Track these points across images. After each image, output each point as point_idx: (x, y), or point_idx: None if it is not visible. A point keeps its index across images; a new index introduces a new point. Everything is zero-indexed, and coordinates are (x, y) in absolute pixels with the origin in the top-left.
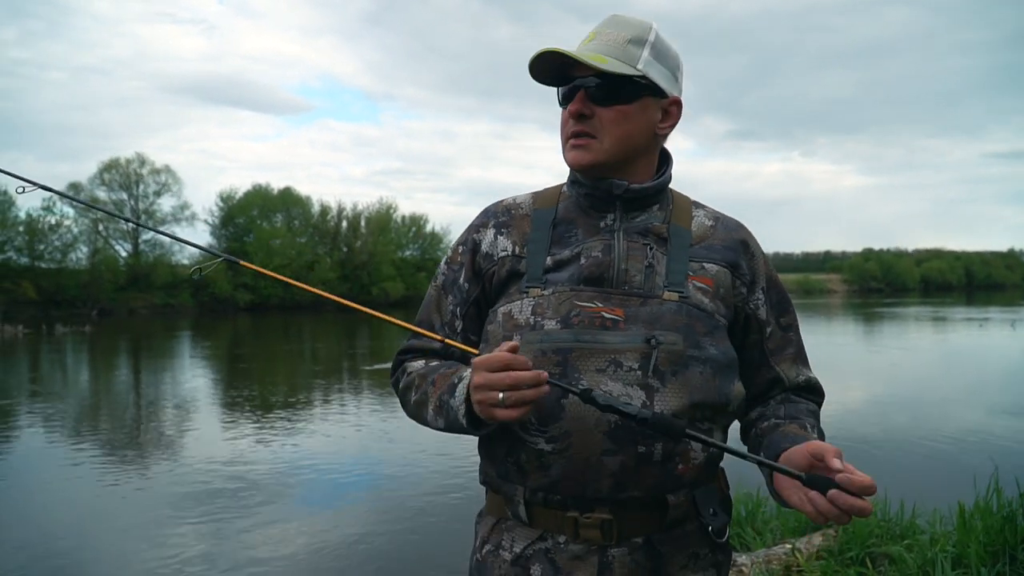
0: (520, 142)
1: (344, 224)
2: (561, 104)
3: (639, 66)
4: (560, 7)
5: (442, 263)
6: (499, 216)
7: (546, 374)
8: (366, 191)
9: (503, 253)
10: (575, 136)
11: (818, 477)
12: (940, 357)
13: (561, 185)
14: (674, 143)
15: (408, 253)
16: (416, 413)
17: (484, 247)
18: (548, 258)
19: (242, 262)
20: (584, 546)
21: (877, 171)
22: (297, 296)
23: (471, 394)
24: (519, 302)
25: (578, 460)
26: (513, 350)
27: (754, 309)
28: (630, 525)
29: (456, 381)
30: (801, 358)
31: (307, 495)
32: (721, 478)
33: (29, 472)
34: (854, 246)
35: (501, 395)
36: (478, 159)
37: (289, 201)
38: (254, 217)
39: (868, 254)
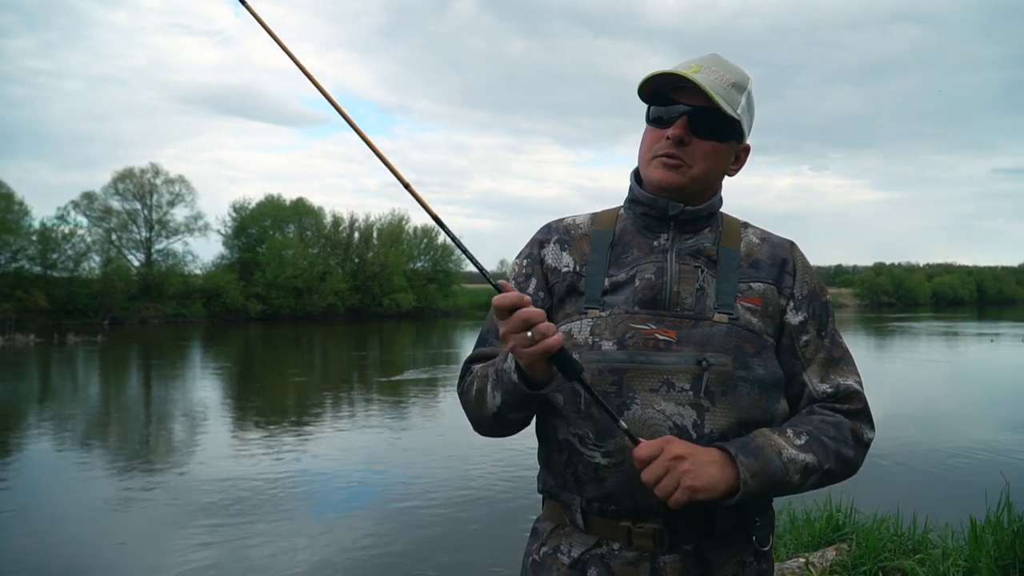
0: (533, 155)
1: (356, 235)
2: (652, 122)
3: (738, 110)
4: (573, 21)
5: (509, 279)
6: (560, 233)
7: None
8: (379, 203)
9: (565, 268)
10: (667, 156)
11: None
12: (952, 372)
13: (618, 208)
14: None
15: (419, 265)
16: (478, 404)
17: (549, 260)
18: (606, 279)
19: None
20: (637, 553)
21: (889, 186)
22: (307, 306)
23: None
24: (579, 322)
25: (632, 474)
26: (519, 299)
27: (792, 319)
28: (680, 534)
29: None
30: (832, 365)
31: (316, 506)
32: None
33: (36, 481)
34: (866, 260)
35: (529, 333)
36: (491, 172)
37: (302, 212)
38: (267, 227)
39: (880, 268)
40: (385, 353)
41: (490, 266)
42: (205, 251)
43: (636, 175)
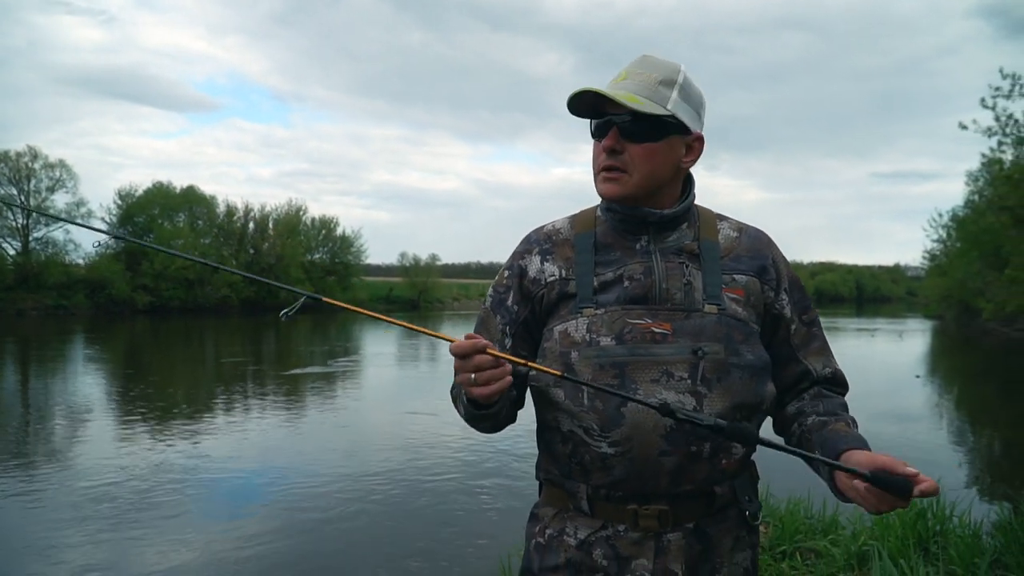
0: (431, 148)
1: (251, 225)
2: (593, 136)
3: (668, 106)
4: (471, 15)
5: (490, 288)
6: (542, 243)
7: (508, 366)
8: (273, 192)
9: (551, 278)
10: (606, 170)
11: (885, 478)
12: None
13: (595, 208)
14: (581, 154)
15: (317, 256)
16: (457, 410)
17: (531, 272)
18: (595, 279)
19: (325, 299)
20: (642, 533)
21: (776, 187)
22: (199, 298)
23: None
24: (574, 321)
25: (639, 461)
26: (487, 344)
27: (780, 309)
28: (683, 513)
29: None
30: (826, 351)
31: (206, 505)
32: (753, 468)
33: None
34: None
35: (472, 376)
36: (389, 163)
37: (192, 200)
38: (155, 216)
39: None
40: (282, 347)
41: (389, 258)
42: (88, 240)
43: None
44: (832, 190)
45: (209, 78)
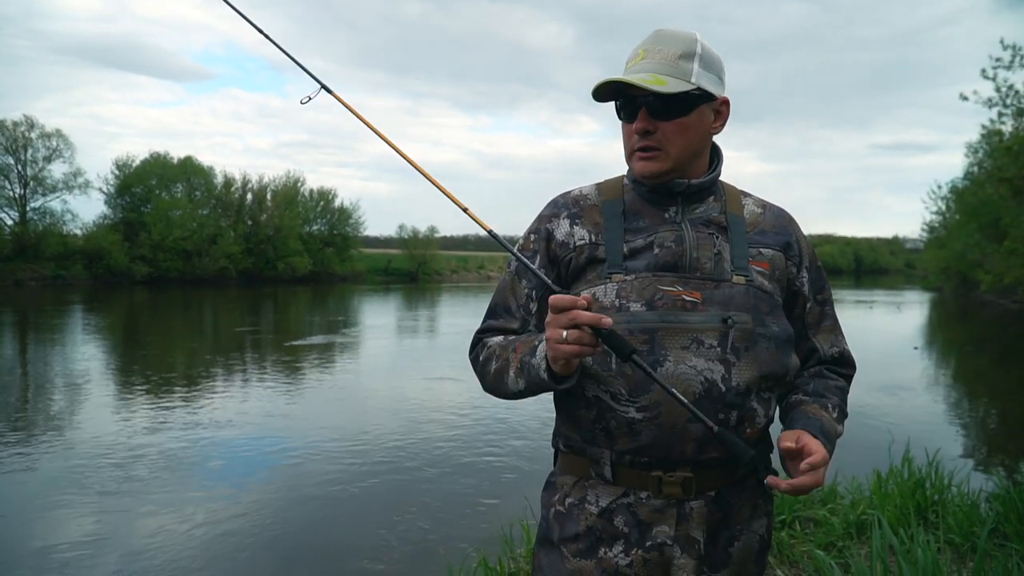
0: (429, 118)
1: (249, 197)
2: (621, 117)
3: (692, 79)
4: None
5: (516, 251)
6: (570, 207)
7: (609, 320)
8: (270, 163)
9: (580, 241)
10: (642, 150)
11: (757, 461)
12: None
13: (622, 177)
14: (579, 126)
15: (315, 228)
16: (495, 381)
17: (559, 236)
18: (624, 246)
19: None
20: (665, 500)
21: (775, 158)
22: (197, 269)
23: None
24: (603, 286)
25: (666, 427)
26: (588, 302)
27: (800, 286)
28: (707, 481)
29: (537, 343)
30: (836, 330)
31: (205, 475)
32: (768, 437)
33: None
34: None
35: (564, 332)
36: (387, 134)
37: (190, 171)
38: (153, 186)
39: None
40: (280, 318)
41: (388, 230)
42: (86, 210)
43: None
44: (830, 161)
45: (205, 48)
